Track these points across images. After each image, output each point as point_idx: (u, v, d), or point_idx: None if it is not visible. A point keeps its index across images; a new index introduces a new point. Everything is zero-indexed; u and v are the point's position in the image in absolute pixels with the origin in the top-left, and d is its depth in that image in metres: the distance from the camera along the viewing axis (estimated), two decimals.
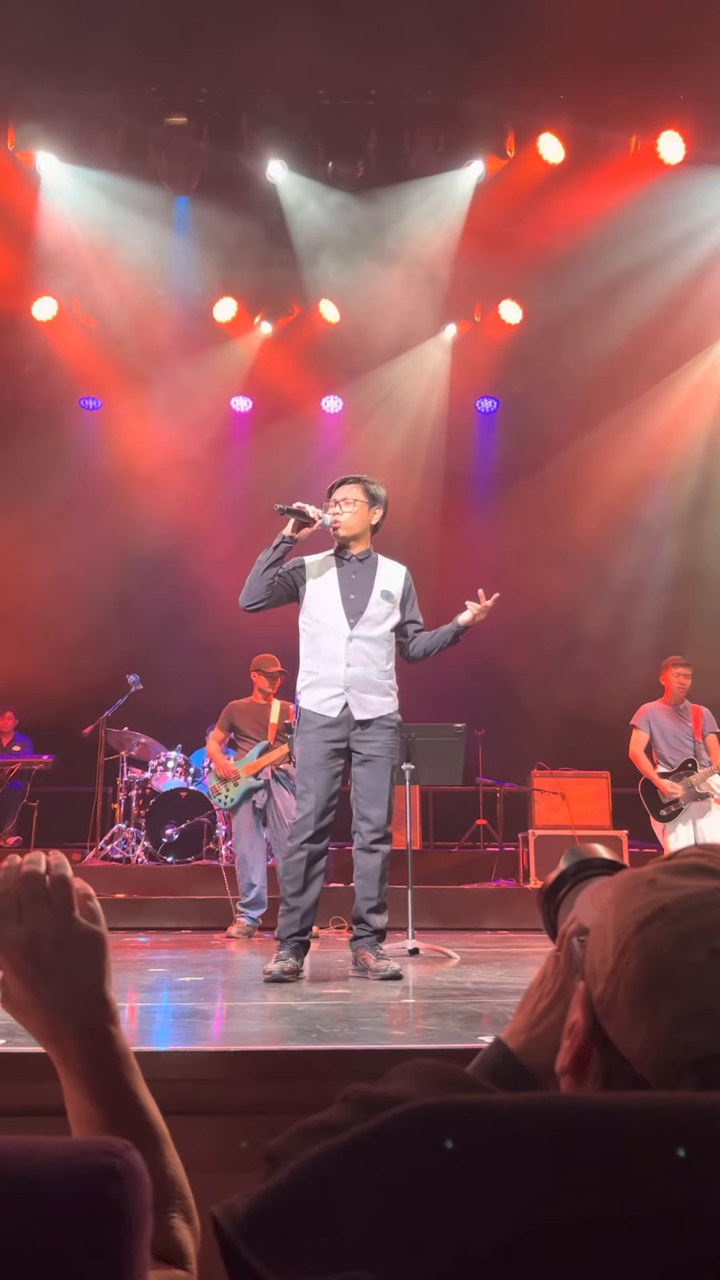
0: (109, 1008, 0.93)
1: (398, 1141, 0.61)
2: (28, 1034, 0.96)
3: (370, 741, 4.13)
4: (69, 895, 0.93)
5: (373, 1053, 2.31)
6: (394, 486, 10.23)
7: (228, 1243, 0.61)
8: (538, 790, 7.94)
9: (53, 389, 10.13)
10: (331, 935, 6.53)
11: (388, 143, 8.22)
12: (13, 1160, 0.63)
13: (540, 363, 9.82)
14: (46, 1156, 0.64)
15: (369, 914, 4.08)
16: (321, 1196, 0.60)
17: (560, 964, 0.97)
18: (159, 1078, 2.30)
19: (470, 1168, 0.59)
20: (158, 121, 8.06)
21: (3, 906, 0.91)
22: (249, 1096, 2.21)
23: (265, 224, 8.69)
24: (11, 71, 7.47)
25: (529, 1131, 0.60)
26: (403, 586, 4.38)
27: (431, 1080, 0.72)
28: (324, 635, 4.17)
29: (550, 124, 8.22)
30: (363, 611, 4.18)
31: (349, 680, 4.11)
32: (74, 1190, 0.61)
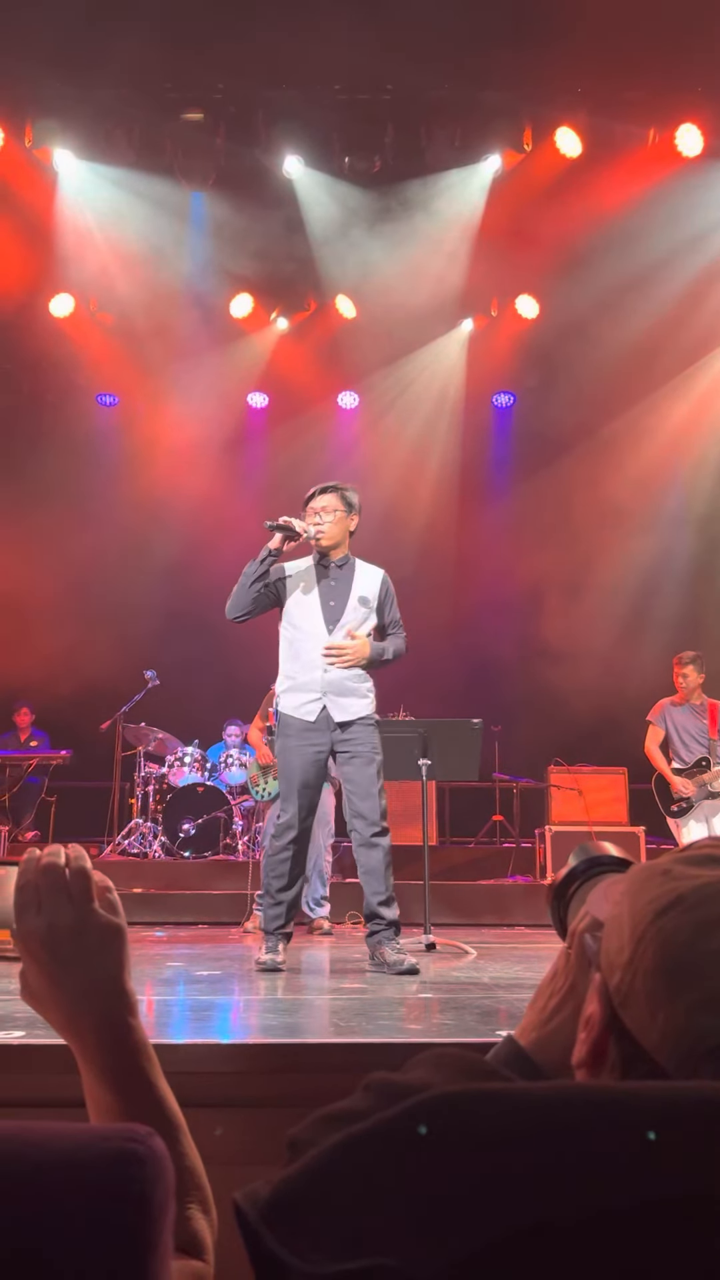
0: (128, 999, 0.94)
1: (418, 1129, 0.61)
2: (47, 1026, 0.97)
3: (352, 740, 4.22)
4: (88, 887, 0.93)
5: (390, 1046, 2.31)
6: (409, 481, 10.34)
7: (250, 1228, 0.61)
8: (555, 786, 7.93)
9: (70, 385, 10.16)
10: (348, 930, 6.54)
11: (404, 137, 8.21)
12: (36, 1145, 0.64)
13: (557, 357, 9.79)
14: (69, 1142, 0.64)
15: (380, 908, 4.14)
16: (344, 1183, 0.60)
17: (571, 961, 0.97)
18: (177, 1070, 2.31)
19: (492, 1155, 0.59)
20: (174, 117, 8.07)
21: (23, 898, 0.91)
22: (267, 1089, 2.22)
23: (281, 219, 8.68)
24: (29, 69, 7.49)
25: (550, 1119, 0.60)
26: (379, 591, 4.44)
27: (452, 1069, 0.72)
28: (303, 641, 4.27)
29: (567, 117, 8.19)
30: (340, 618, 4.28)
31: (326, 685, 4.21)
32: (97, 1175, 0.62)
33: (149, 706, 8.55)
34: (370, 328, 9.67)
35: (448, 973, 4.05)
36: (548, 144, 8.33)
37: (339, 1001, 3.17)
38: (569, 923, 1.07)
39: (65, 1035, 0.94)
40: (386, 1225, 0.58)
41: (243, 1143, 2.12)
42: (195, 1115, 2.23)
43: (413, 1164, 0.60)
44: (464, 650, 9.63)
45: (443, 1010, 3.00)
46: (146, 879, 7.47)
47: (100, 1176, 0.62)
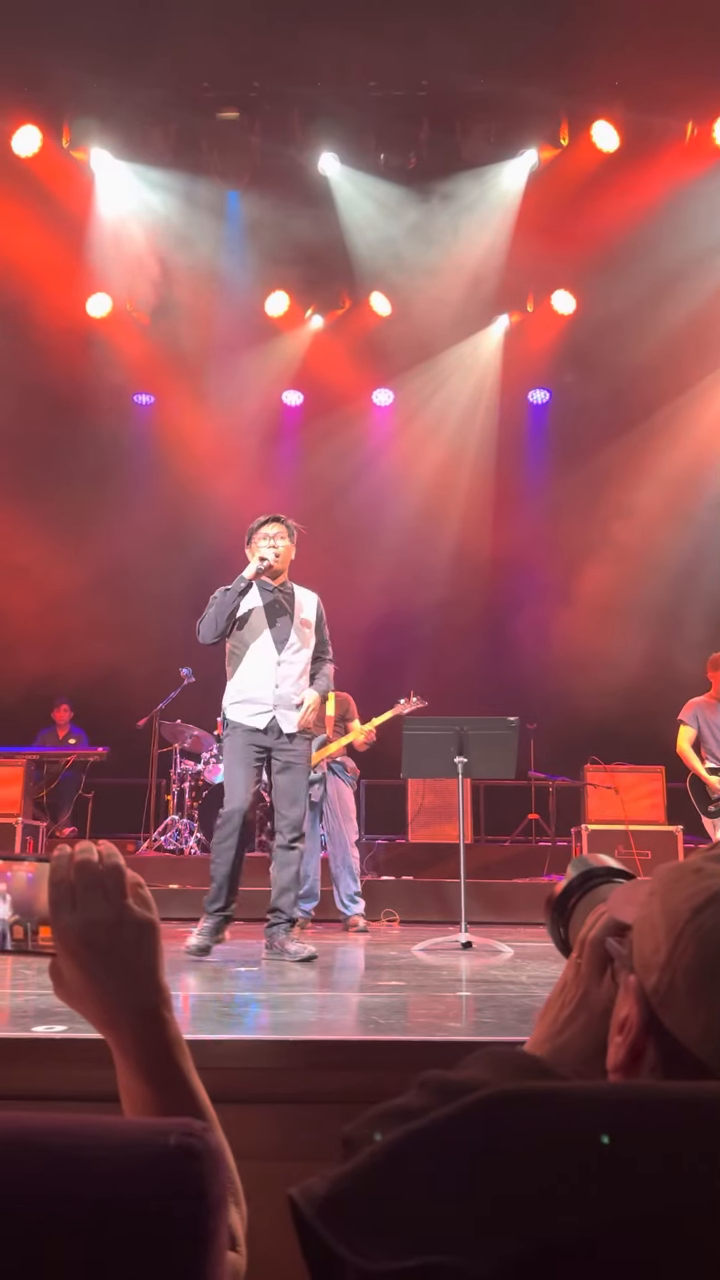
0: (163, 992, 0.95)
1: (477, 1126, 0.61)
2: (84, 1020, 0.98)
3: (290, 750, 4.63)
4: (122, 883, 0.94)
5: (430, 1044, 2.31)
6: (444, 478, 10.33)
7: (306, 1225, 0.61)
8: (591, 784, 7.88)
9: (107, 385, 10.21)
10: (382, 928, 6.55)
11: (440, 133, 8.18)
12: (93, 1138, 0.64)
13: (594, 353, 9.73)
14: (126, 1135, 0.64)
15: (284, 903, 4.50)
16: (401, 1180, 0.60)
17: (582, 971, 0.97)
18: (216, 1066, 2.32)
19: (550, 1155, 0.59)
20: (210, 116, 8.09)
21: (58, 895, 0.92)
22: (307, 1086, 2.22)
23: (317, 217, 8.68)
24: (67, 70, 7.55)
25: (609, 1118, 0.59)
26: (316, 613, 4.88)
27: (507, 1067, 0.71)
28: (252, 660, 4.68)
29: (604, 111, 8.13)
30: (287, 639, 4.70)
31: (276, 699, 4.63)
32: (155, 1168, 0.62)
33: (185, 703, 8.59)
34: (405, 325, 9.66)
35: (485, 970, 4.04)
36: (584, 138, 8.28)
37: (376, 999, 3.17)
38: (571, 935, 1.07)
39: (102, 1029, 0.95)
40: (444, 1223, 0.58)
41: (280, 1139, 2.12)
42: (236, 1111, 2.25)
43: (470, 1162, 0.59)
44: (499, 648, 9.60)
45: (481, 1009, 3.00)
46: (182, 876, 7.50)
47: (158, 1170, 0.62)
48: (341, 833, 6.57)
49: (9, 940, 0.97)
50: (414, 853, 8.29)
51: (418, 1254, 0.57)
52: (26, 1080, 2.27)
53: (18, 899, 0.96)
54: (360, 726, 6.71)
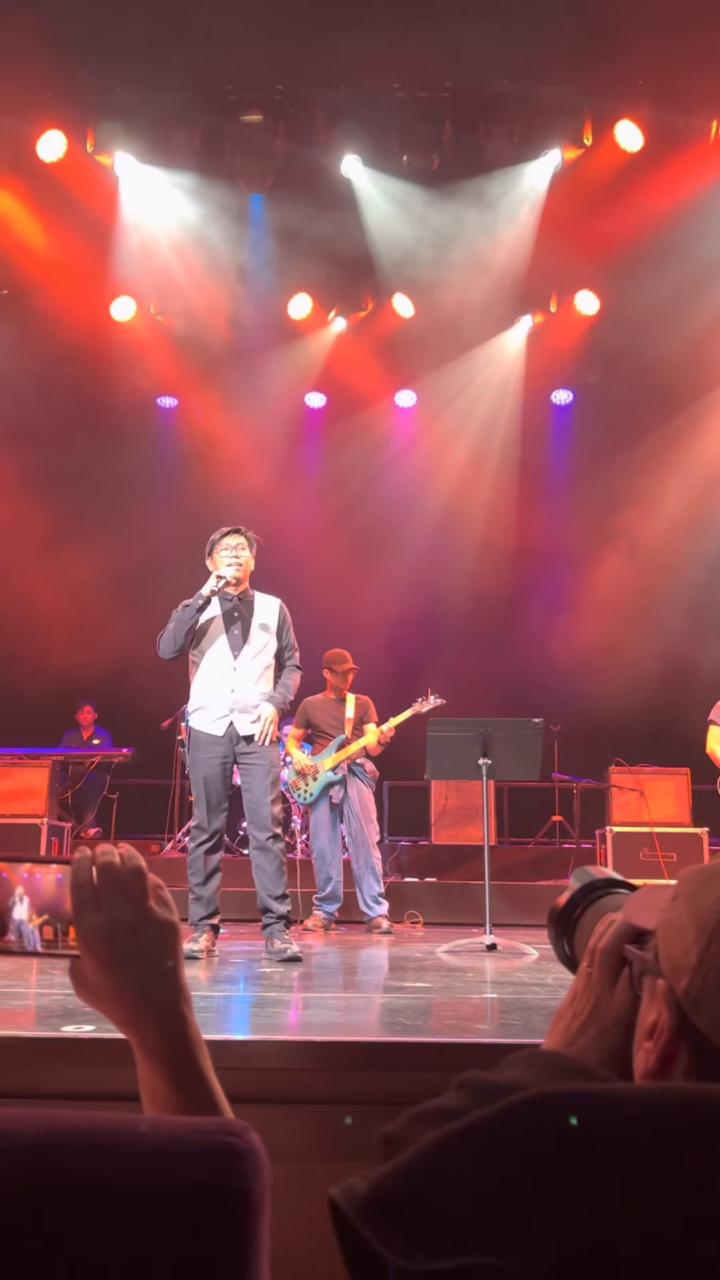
0: (184, 991, 0.96)
1: (518, 1128, 0.61)
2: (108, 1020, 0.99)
3: (253, 754, 4.69)
4: (144, 885, 0.96)
5: (459, 1046, 2.30)
6: (467, 480, 10.31)
7: (348, 1224, 0.62)
8: (615, 787, 7.84)
9: (131, 388, 10.26)
10: (406, 930, 6.54)
11: (463, 134, 8.17)
12: (134, 1136, 0.64)
13: (617, 354, 9.68)
14: (168, 1135, 0.65)
15: (272, 902, 4.56)
16: (443, 1180, 0.60)
17: (593, 981, 0.97)
18: (244, 1066, 2.33)
19: (594, 1156, 0.59)
20: (234, 119, 8.11)
21: (80, 896, 0.94)
22: (334, 1087, 2.23)
23: (340, 219, 8.68)
24: (92, 75, 7.59)
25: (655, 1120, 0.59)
26: (278, 618, 4.95)
27: (548, 1069, 0.71)
28: (209, 667, 4.78)
29: (628, 110, 8.09)
30: (243, 645, 4.79)
31: (233, 703, 4.71)
32: (198, 1168, 0.62)
33: None
34: (428, 326, 9.65)
35: (511, 973, 4.03)
36: (608, 138, 8.24)
37: (402, 1000, 3.17)
38: (576, 949, 1.07)
39: (125, 1029, 0.96)
40: (487, 1224, 0.58)
41: (308, 1139, 2.13)
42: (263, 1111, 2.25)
43: (513, 1163, 0.59)
44: (523, 649, 9.57)
45: (508, 1011, 2.99)
46: None
47: (201, 1170, 0.62)
48: (363, 834, 6.57)
49: (38, 941, 0.98)
50: (437, 854, 8.28)
51: (460, 1254, 0.57)
52: (56, 1079, 2.29)
53: (43, 901, 0.97)
54: (377, 728, 6.71)
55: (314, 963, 4.46)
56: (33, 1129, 0.65)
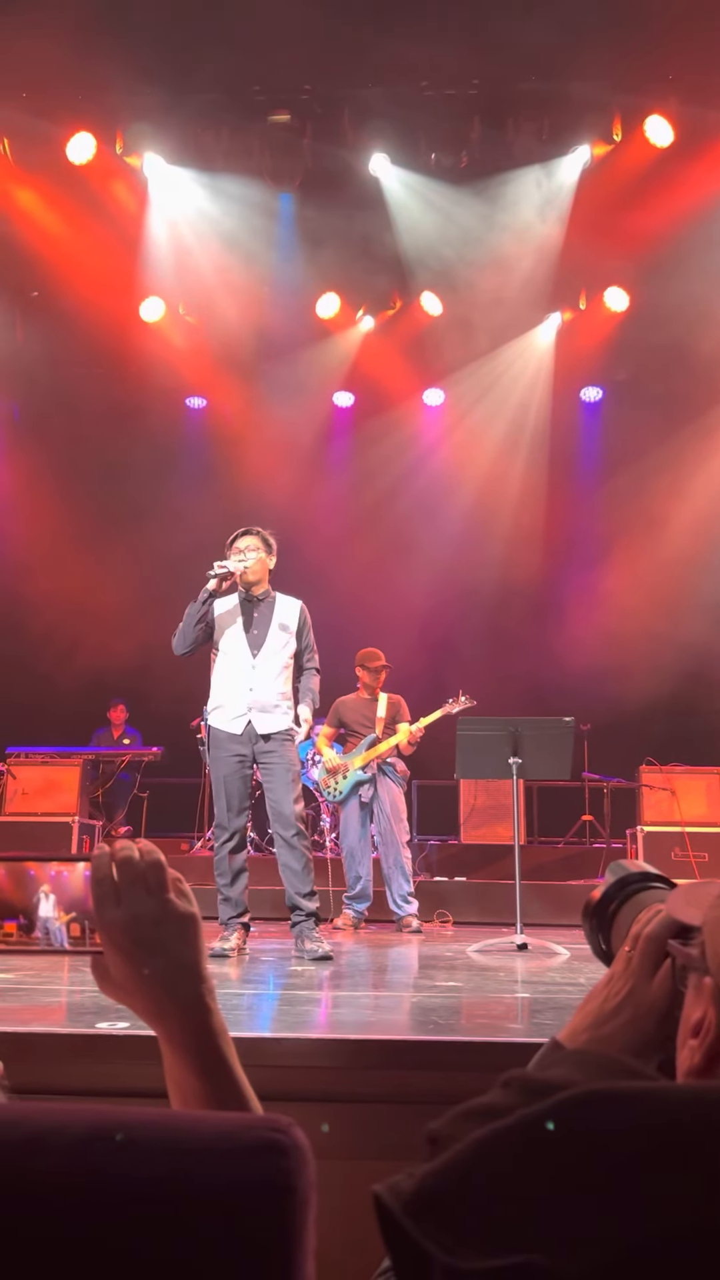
0: (208, 982, 0.97)
1: (566, 1126, 0.60)
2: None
3: (272, 753, 4.72)
4: (164, 878, 0.96)
5: (493, 1045, 2.29)
6: (496, 478, 10.27)
7: (394, 1221, 0.61)
8: (646, 786, 7.79)
9: (159, 388, 10.30)
10: (436, 929, 6.53)
11: (491, 131, 8.13)
12: (179, 1132, 0.64)
13: (647, 350, 9.62)
14: (214, 1130, 0.64)
15: (301, 899, 4.56)
16: (491, 1178, 0.60)
17: (633, 965, 0.97)
18: (278, 1065, 2.33)
19: (644, 1155, 0.58)
20: (261, 119, 8.12)
21: (101, 891, 0.94)
22: (369, 1085, 2.22)
23: (368, 218, 8.68)
24: (121, 77, 7.62)
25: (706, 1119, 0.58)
26: (298, 619, 4.97)
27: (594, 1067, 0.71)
28: (230, 665, 4.82)
29: (658, 105, 8.02)
30: (262, 644, 4.82)
31: (251, 702, 4.74)
32: (243, 1165, 0.62)
33: None
34: (456, 324, 9.62)
35: (542, 973, 4.01)
36: (638, 133, 8.18)
37: (434, 999, 3.16)
38: (613, 942, 1.06)
39: (151, 1022, 0.97)
40: (536, 1223, 0.57)
41: (343, 1137, 2.13)
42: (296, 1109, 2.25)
43: (562, 1161, 0.59)
44: (553, 647, 9.53)
45: (541, 1010, 2.98)
46: None
47: (247, 1166, 0.62)
48: (393, 833, 6.56)
49: (65, 938, 0.98)
50: (466, 854, 8.26)
51: (510, 1253, 0.56)
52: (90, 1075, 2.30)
53: (70, 898, 0.98)
54: (408, 727, 6.70)
55: (344, 961, 4.46)
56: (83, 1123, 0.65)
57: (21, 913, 1.00)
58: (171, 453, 10.42)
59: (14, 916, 1.00)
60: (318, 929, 4.55)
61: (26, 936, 0.99)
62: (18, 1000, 2.77)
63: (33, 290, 9.45)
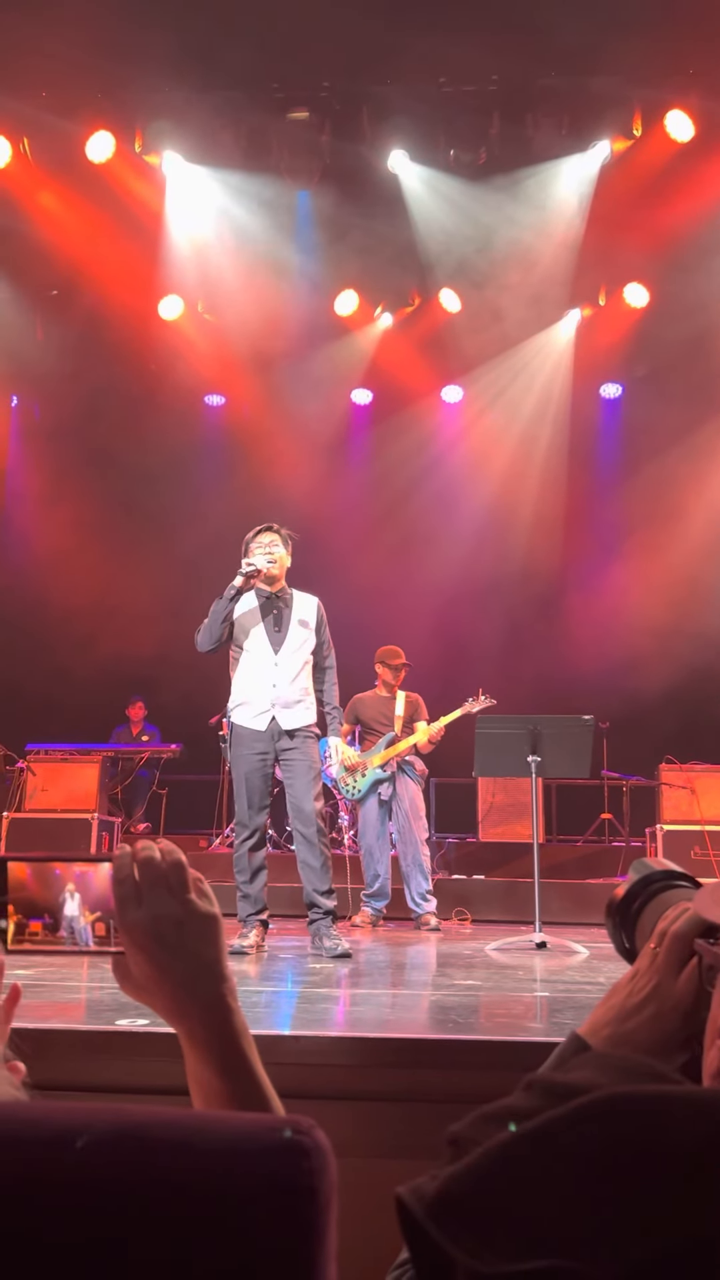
0: (229, 982, 0.97)
1: (592, 1128, 0.60)
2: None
3: (295, 750, 4.74)
4: (185, 878, 0.97)
5: (512, 1045, 2.29)
6: (515, 475, 10.24)
7: (416, 1224, 0.61)
8: (666, 784, 7.76)
9: (178, 386, 10.32)
10: (454, 926, 6.52)
11: (510, 127, 8.10)
12: (202, 1132, 0.64)
13: (667, 346, 9.57)
14: (236, 1131, 0.64)
15: (319, 897, 4.57)
16: (515, 1181, 0.60)
17: (658, 961, 0.97)
18: (296, 1062, 2.33)
19: (669, 1158, 0.57)
20: (280, 117, 8.12)
21: (122, 891, 0.95)
22: (386, 1084, 2.22)
23: (386, 215, 8.66)
24: (141, 76, 7.64)
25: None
26: (316, 615, 5.00)
27: (618, 1070, 0.70)
28: (252, 662, 4.84)
29: (679, 100, 7.97)
30: (283, 640, 4.85)
31: (274, 698, 4.76)
32: (265, 1166, 0.62)
33: None
34: (475, 321, 9.59)
35: (561, 972, 4.00)
36: (658, 128, 8.13)
37: (453, 998, 3.15)
38: (637, 941, 1.06)
39: (173, 1021, 0.97)
40: (561, 1226, 0.57)
41: (361, 1136, 2.13)
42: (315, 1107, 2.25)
43: (587, 1164, 0.58)
44: (571, 646, 9.50)
45: (560, 1010, 2.97)
46: None
47: (269, 1167, 0.62)
48: (411, 831, 6.56)
49: (91, 937, 0.98)
50: (485, 852, 8.25)
51: (535, 1257, 0.56)
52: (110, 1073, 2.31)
53: (95, 897, 0.98)
54: (427, 726, 6.69)
55: (362, 959, 4.46)
56: (107, 1122, 0.65)
57: (47, 911, 1.00)
58: (190, 450, 10.44)
59: (39, 915, 1.00)
60: (335, 926, 4.55)
61: (52, 935, 1.00)
62: (38, 997, 2.78)
63: (52, 289, 9.48)
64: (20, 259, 9.02)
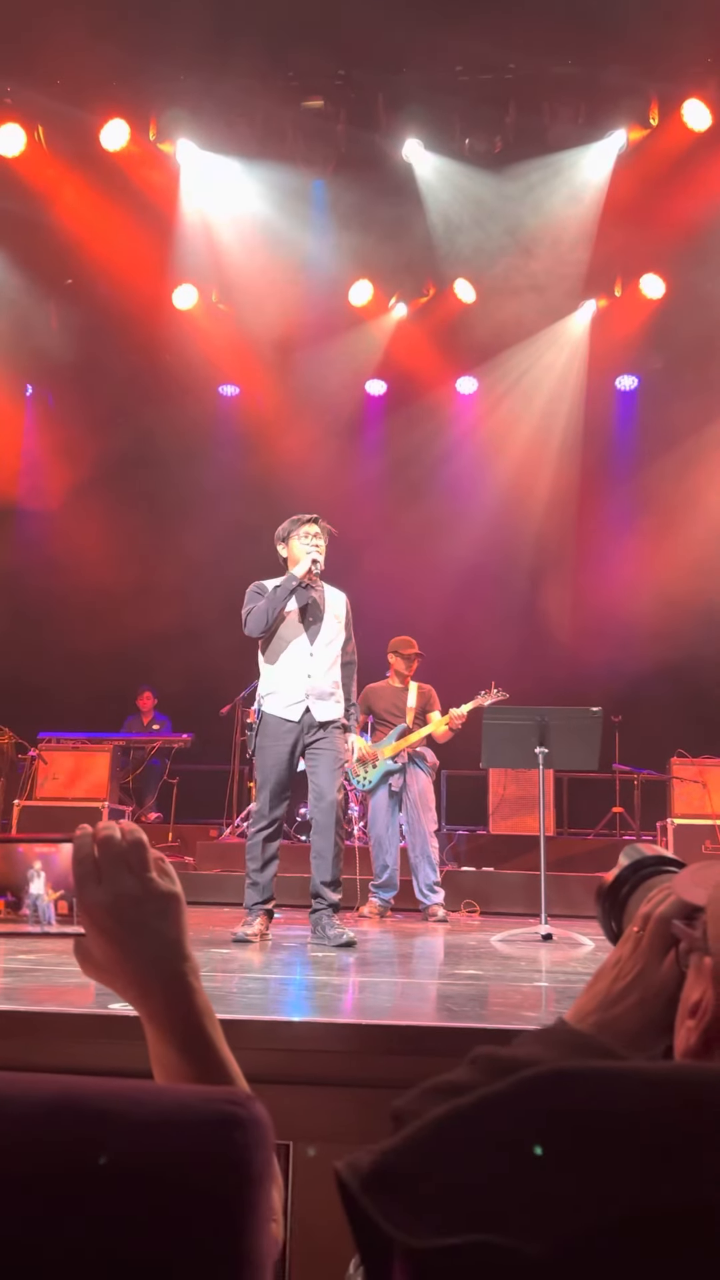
0: (190, 961, 0.96)
1: (529, 1105, 0.58)
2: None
3: (324, 740, 4.75)
4: (145, 857, 0.96)
5: (509, 1032, 2.27)
6: (529, 467, 10.20)
7: (352, 1198, 0.60)
8: (677, 778, 7.72)
9: (192, 376, 10.32)
10: (462, 918, 6.51)
11: (526, 116, 8.06)
12: (137, 1103, 0.63)
13: (683, 338, 9.50)
14: (171, 1102, 0.63)
15: (324, 888, 4.57)
16: (448, 1156, 0.58)
17: (642, 946, 0.96)
18: (292, 1048, 2.33)
19: (607, 1135, 0.56)
20: (295, 105, 8.09)
21: (82, 870, 0.94)
22: (381, 1070, 2.21)
23: (401, 204, 8.63)
24: (157, 64, 7.63)
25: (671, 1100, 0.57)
26: (345, 611, 5.06)
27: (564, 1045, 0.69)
28: (287, 652, 4.83)
29: (696, 89, 7.90)
30: (319, 632, 4.86)
31: (309, 689, 4.76)
32: (198, 1137, 0.61)
33: None
34: (490, 311, 9.55)
35: (565, 963, 3.99)
36: (674, 118, 8.06)
37: (453, 987, 3.15)
38: (625, 925, 1.05)
39: (134, 1002, 0.96)
40: (493, 1202, 0.56)
41: (356, 1122, 2.12)
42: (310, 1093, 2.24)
43: (521, 1141, 0.57)
44: (584, 639, 9.46)
45: (559, 999, 2.95)
46: None
47: (203, 1138, 0.61)
48: (420, 823, 6.54)
49: (53, 915, 0.98)
50: (495, 844, 8.23)
51: (466, 1232, 0.55)
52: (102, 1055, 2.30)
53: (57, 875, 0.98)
54: (441, 717, 6.67)
55: (366, 948, 4.45)
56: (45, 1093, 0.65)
57: (10, 889, 0.99)
58: (204, 440, 10.44)
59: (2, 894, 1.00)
60: (338, 918, 4.55)
61: (15, 914, 0.99)
62: (35, 980, 2.79)
63: (67, 278, 9.49)
64: (34, 248, 9.03)
